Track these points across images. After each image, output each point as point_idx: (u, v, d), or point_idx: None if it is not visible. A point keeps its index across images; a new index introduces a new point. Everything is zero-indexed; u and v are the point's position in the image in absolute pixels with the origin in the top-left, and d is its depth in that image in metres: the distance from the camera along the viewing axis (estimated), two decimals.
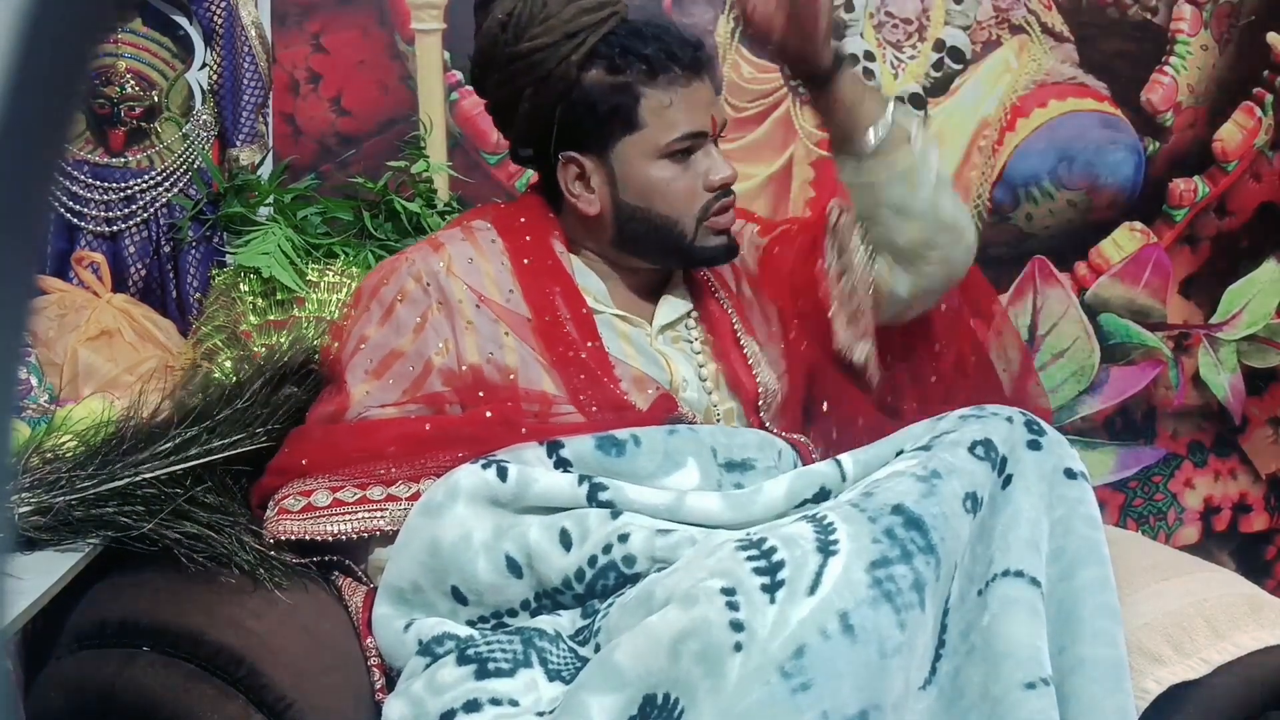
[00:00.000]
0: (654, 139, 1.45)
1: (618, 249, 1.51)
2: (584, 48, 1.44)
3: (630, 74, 1.44)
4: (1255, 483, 2.47)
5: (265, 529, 1.39)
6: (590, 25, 1.44)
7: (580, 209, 1.48)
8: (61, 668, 1.19)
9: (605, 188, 1.47)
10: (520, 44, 1.44)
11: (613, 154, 1.46)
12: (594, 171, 1.47)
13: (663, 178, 1.46)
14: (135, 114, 1.97)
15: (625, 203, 1.47)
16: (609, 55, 1.44)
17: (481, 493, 1.31)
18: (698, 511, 1.30)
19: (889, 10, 2.28)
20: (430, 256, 1.47)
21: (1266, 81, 2.37)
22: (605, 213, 1.48)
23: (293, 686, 1.21)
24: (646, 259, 1.52)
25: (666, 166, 1.46)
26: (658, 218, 1.47)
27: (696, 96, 1.46)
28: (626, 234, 1.49)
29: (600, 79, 1.44)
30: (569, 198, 1.48)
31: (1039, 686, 1.16)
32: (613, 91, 1.44)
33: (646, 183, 1.46)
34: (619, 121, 1.44)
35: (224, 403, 1.45)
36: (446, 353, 1.43)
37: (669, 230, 1.47)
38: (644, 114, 1.44)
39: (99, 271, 1.90)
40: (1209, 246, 2.40)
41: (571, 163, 1.47)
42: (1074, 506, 1.25)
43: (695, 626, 1.11)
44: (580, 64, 1.44)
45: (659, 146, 1.45)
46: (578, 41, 1.44)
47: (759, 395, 1.52)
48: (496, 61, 1.47)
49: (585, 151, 1.46)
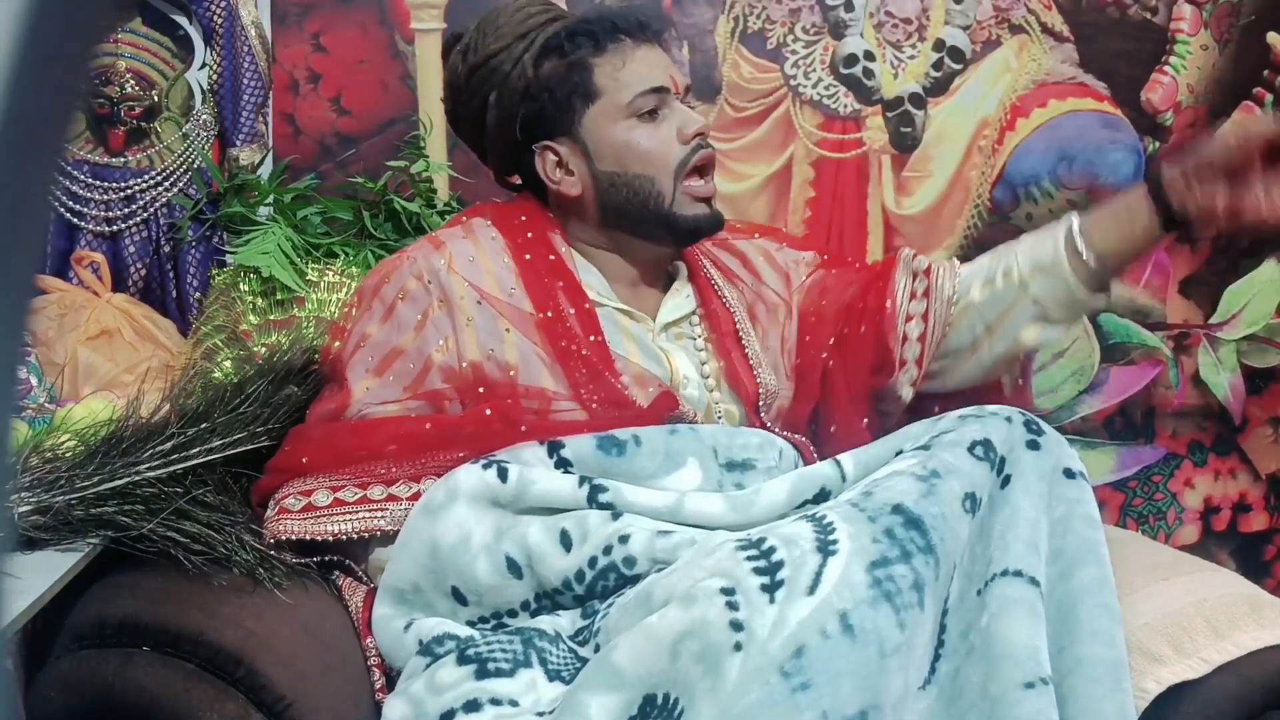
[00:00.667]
0: (615, 100, 1.48)
1: (606, 227, 1.52)
2: (535, 45, 1.49)
3: (579, 53, 1.48)
4: (1255, 482, 2.47)
5: (265, 528, 1.39)
6: (538, 25, 1.50)
7: (564, 193, 1.50)
8: (61, 667, 1.19)
9: (582, 162, 1.49)
10: (479, 54, 1.50)
11: (581, 129, 1.49)
12: (569, 153, 1.49)
13: (633, 137, 1.48)
14: (135, 114, 1.97)
15: (602, 171, 1.49)
16: (558, 45, 1.49)
17: (482, 493, 1.31)
18: (698, 513, 1.30)
19: (889, 10, 2.28)
20: (431, 254, 1.47)
21: (1266, 81, 2.37)
22: (587, 190, 1.50)
23: (292, 686, 1.21)
24: (634, 233, 1.52)
25: (635, 126, 1.48)
26: (635, 179, 1.48)
27: (650, 58, 1.50)
28: (609, 206, 1.50)
29: (555, 67, 1.49)
30: (552, 185, 1.50)
31: (1038, 686, 1.16)
32: (568, 70, 1.48)
33: (618, 145, 1.48)
34: (578, 95, 1.48)
35: (224, 403, 1.45)
36: (447, 350, 1.43)
37: (648, 191, 1.48)
38: (599, 80, 1.48)
39: (99, 271, 1.90)
40: (1209, 246, 2.40)
41: (547, 150, 1.50)
42: (1073, 506, 1.25)
43: (695, 626, 1.11)
44: (534, 61, 1.49)
45: (621, 106, 1.48)
46: (528, 41, 1.49)
47: (759, 395, 1.52)
48: (461, 85, 1.53)
49: (556, 136, 1.49)
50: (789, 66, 2.26)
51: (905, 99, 2.29)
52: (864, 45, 2.28)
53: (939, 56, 2.29)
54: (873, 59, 2.28)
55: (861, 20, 2.27)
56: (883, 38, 2.28)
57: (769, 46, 2.26)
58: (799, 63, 2.27)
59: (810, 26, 2.26)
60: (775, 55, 2.26)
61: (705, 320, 1.56)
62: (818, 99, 2.28)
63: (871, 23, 2.27)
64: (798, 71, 2.27)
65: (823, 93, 2.28)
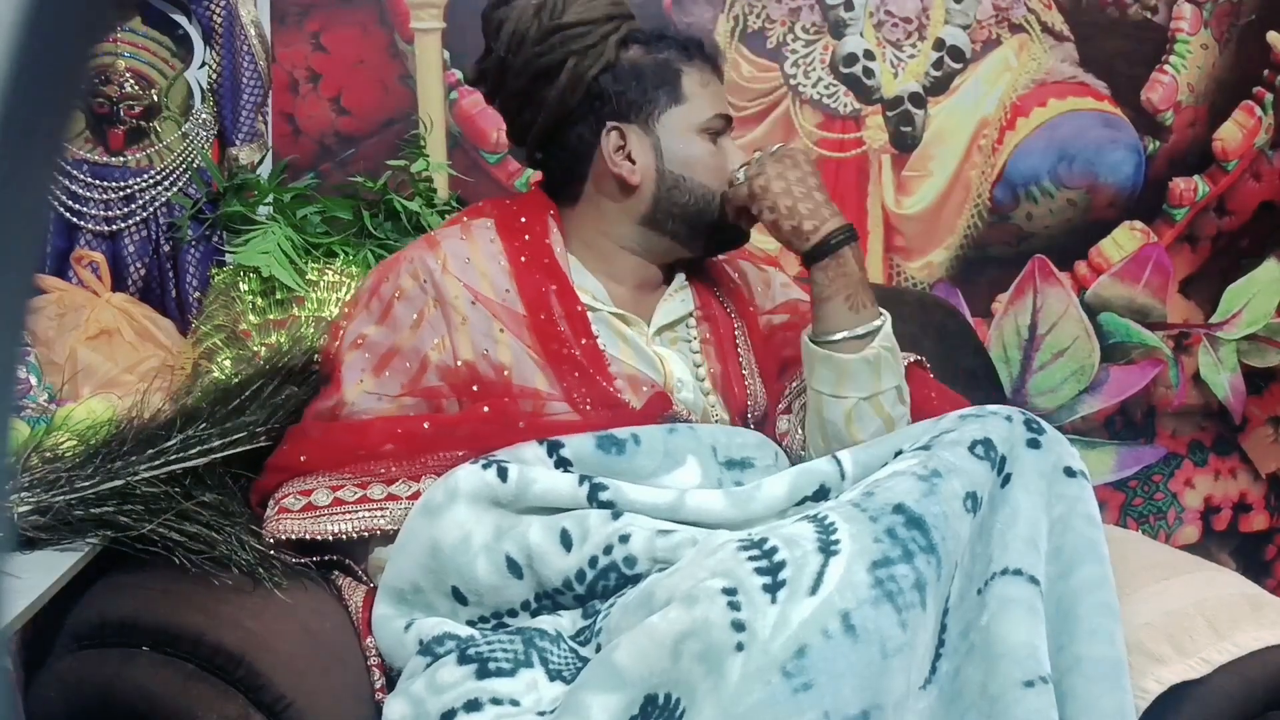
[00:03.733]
0: (695, 114, 1.51)
1: (646, 226, 1.52)
2: (620, 30, 1.51)
3: (668, 54, 1.52)
4: (1255, 482, 2.47)
5: (265, 528, 1.39)
6: (624, 14, 1.53)
7: (624, 179, 1.50)
8: (61, 667, 1.18)
9: (650, 156, 1.50)
10: (564, 17, 1.49)
11: (658, 124, 1.50)
12: (638, 141, 1.50)
13: (702, 152, 1.51)
14: (135, 113, 1.96)
15: (670, 171, 1.50)
16: (643, 40, 1.52)
17: (482, 493, 1.31)
18: (699, 509, 1.30)
19: (889, 9, 2.28)
20: (427, 255, 1.48)
21: (1266, 81, 2.37)
22: (647, 182, 1.50)
23: (292, 686, 1.21)
24: (675, 234, 1.53)
25: (704, 143, 1.51)
26: (699, 187, 1.51)
27: (719, 89, 1.56)
28: (664, 205, 1.51)
29: (640, 56, 1.51)
30: (611, 170, 1.49)
31: (1037, 685, 1.16)
32: (657, 66, 1.51)
33: (689, 154, 1.51)
34: (666, 92, 1.50)
35: (224, 403, 1.45)
36: (443, 349, 1.43)
37: (707, 202, 1.51)
38: (686, 87, 1.51)
39: (98, 271, 1.89)
40: (1209, 246, 2.40)
41: (614, 131, 1.50)
42: (1073, 505, 1.25)
43: (696, 626, 1.11)
44: (619, 43, 1.51)
45: (698, 122, 1.51)
46: (615, 24, 1.51)
47: (748, 404, 1.53)
48: (532, 37, 1.49)
49: (629, 121, 1.50)
50: (789, 66, 2.26)
51: (905, 98, 2.29)
52: (864, 45, 2.28)
53: (939, 56, 2.29)
54: (873, 58, 2.28)
55: (861, 19, 2.27)
56: (883, 37, 2.28)
57: (769, 46, 2.26)
58: (799, 62, 2.27)
59: (810, 26, 2.26)
60: (775, 54, 2.26)
61: (702, 324, 1.56)
62: (817, 98, 2.28)
63: (871, 22, 2.27)
64: (797, 71, 2.27)
65: (822, 92, 2.28)
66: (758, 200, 1.45)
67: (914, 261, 2.33)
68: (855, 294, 1.43)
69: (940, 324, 1.95)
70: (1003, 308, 2.35)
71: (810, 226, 1.43)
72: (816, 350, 1.44)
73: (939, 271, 2.33)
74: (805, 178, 1.45)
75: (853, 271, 1.43)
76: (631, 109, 1.50)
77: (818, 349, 1.44)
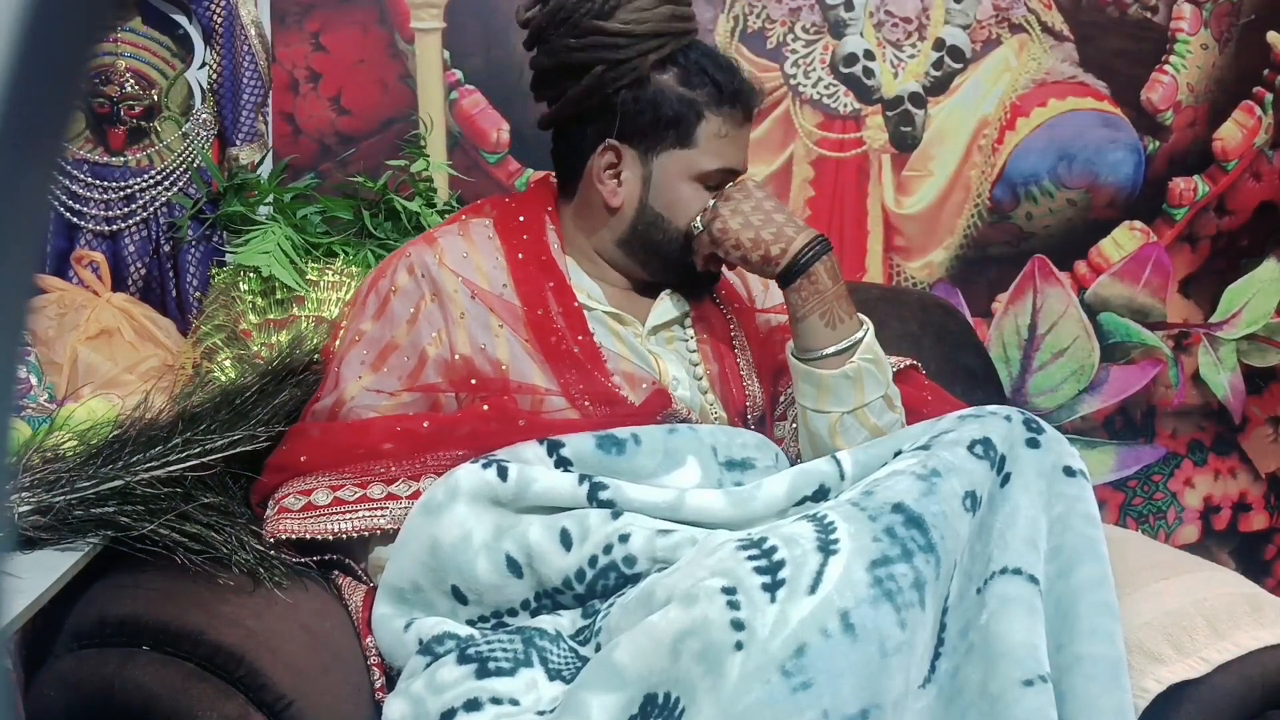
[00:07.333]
0: (699, 162, 1.47)
1: (621, 248, 1.51)
2: (664, 49, 1.46)
3: (699, 92, 1.46)
4: (1255, 482, 2.47)
5: (265, 528, 1.39)
6: (676, 32, 1.47)
7: (603, 197, 1.49)
8: (61, 666, 1.19)
9: (636, 185, 1.49)
10: (610, 20, 1.45)
11: (657, 159, 1.48)
12: (630, 167, 1.48)
13: (689, 199, 1.48)
14: (135, 113, 1.96)
15: (650, 208, 1.49)
16: (685, 66, 1.47)
17: (482, 492, 1.31)
18: (699, 509, 1.30)
19: (889, 9, 2.28)
20: (424, 250, 1.48)
21: (1266, 80, 2.37)
22: (627, 210, 1.49)
23: (292, 686, 1.21)
24: (643, 266, 1.53)
25: (697, 190, 1.48)
26: (675, 231, 1.49)
27: (741, 140, 1.51)
28: (638, 236, 1.50)
29: (670, 85, 1.46)
30: (595, 184, 1.49)
31: (1037, 684, 1.16)
32: (680, 102, 1.46)
33: (675, 198, 1.48)
34: (675, 131, 1.46)
35: (224, 403, 1.45)
36: (440, 343, 1.43)
37: (680, 244, 1.49)
38: (701, 134, 1.47)
39: (99, 271, 1.89)
40: (1209, 245, 2.40)
41: (610, 150, 1.48)
42: (1072, 504, 1.25)
43: (696, 625, 1.11)
44: (656, 64, 1.46)
45: (699, 170, 1.47)
46: (661, 41, 1.46)
47: (746, 404, 1.53)
48: (575, 27, 1.46)
49: (630, 145, 1.48)
50: (789, 66, 2.26)
51: (905, 98, 2.29)
52: (864, 44, 2.28)
53: (939, 56, 2.29)
54: (873, 58, 2.28)
55: (861, 19, 2.27)
56: (883, 37, 2.28)
57: (769, 46, 2.26)
58: (799, 62, 2.27)
59: (810, 26, 2.26)
60: (775, 55, 2.26)
61: (697, 324, 1.56)
62: (817, 98, 2.28)
63: (871, 22, 2.27)
64: (797, 71, 2.27)
65: (822, 92, 2.28)
66: (720, 244, 1.45)
67: (914, 261, 2.33)
68: (830, 310, 1.42)
69: (940, 324, 1.95)
70: (1002, 308, 2.35)
71: (778, 250, 1.42)
72: (799, 366, 1.44)
73: (939, 271, 2.33)
74: (759, 205, 1.44)
75: (826, 287, 1.42)
76: (636, 134, 1.47)
77: (799, 364, 1.44)
